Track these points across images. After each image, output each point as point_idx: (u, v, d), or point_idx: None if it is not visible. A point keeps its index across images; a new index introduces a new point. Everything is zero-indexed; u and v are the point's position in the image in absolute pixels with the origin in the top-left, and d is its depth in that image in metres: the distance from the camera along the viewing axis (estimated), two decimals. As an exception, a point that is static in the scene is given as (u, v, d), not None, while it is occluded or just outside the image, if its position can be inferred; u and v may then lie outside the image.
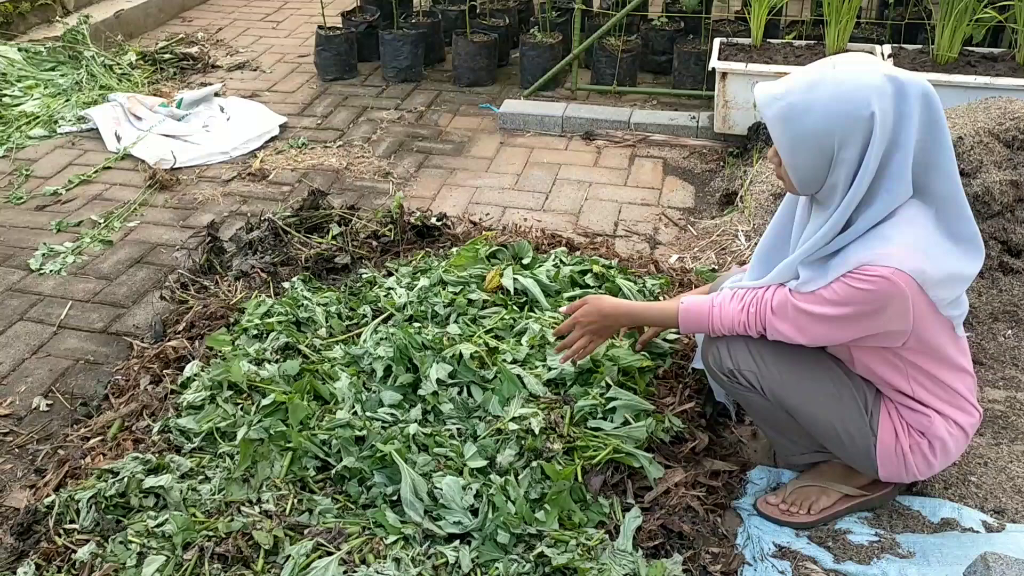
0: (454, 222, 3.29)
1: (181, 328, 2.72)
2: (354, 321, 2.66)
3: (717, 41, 4.14)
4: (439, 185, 3.83)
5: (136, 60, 5.12)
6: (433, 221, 3.21)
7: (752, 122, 3.86)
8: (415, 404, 2.27)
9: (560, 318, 2.49)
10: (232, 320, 2.70)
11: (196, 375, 2.42)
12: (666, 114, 4.28)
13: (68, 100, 4.59)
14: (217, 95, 4.70)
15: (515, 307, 2.62)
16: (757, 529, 2.05)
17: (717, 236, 3.20)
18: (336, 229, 3.17)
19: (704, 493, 2.10)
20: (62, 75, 4.82)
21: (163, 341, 2.68)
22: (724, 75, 3.84)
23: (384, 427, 2.18)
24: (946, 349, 1.84)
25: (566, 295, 2.66)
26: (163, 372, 2.52)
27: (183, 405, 2.31)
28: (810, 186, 1.75)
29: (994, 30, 4.17)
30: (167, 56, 5.26)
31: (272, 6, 6.45)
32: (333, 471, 2.09)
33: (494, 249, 2.89)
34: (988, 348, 2.64)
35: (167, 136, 4.22)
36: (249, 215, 3.40)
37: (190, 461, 2.12)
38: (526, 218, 3.49)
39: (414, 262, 2.96)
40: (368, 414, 2.23)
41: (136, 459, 2.10)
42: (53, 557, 1.92)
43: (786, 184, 1.80)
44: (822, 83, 1.65)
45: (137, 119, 4.32)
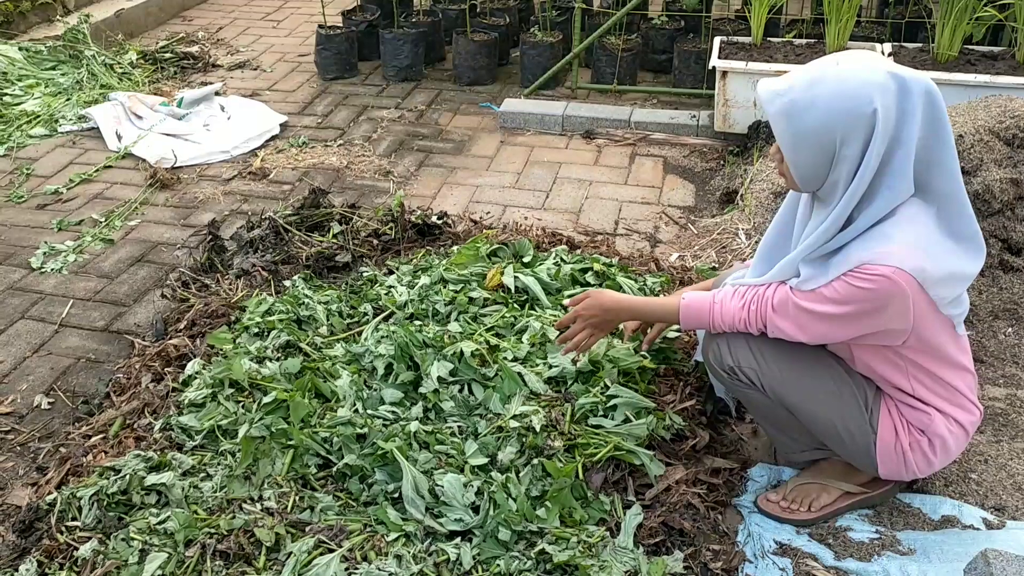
0: (455, 221, 3.30)
1: (182, 326, 2.72)
2: (355, 319, 2.67)
3: (717, 40, 4.14)
4: (440, 184, 3.84)
5: (137, 59, 5.12)
6: (434, 219, 3.21)
7: (752, 120, 3.87)
8: (416, 402, 2.27)
9: (561, 316, 2.50)
10: (233, 318, 2.70)
11: (197, 373, 2.42)
12: (666, 113, 4.29)
13: (69, 99, 4.59)
14: (218, 94, 4.70)
15: (516, 305, 2.63)
16: (758, 526, 2.05)
17: (717, 234, 3.20)
18: (337, 228, 3.17)
19: (705, 490, 2.11)
20: (63, 74, 4.83)
21: (164, 339, 2.68)
22: (724, 74, 3.84)
23: (385, 425, 2.18)
24: (947, 347, 1.84)
25: (567, 293, 2.66)
26: (164, 370, 2.53)
27: (184, 403, 2.31)
28: (811, 183, 1.76)
29: (994, 29, 4.17)
30: (168, 55, 5.26)
31: (272, 5, 6.45)
32: (334, 468, 2.09)
33: (495, 247, 2.89)
34: (988, 346, 2.65)
35: (168, 135, 4.22)
36: (250, 214, 3.40)
37: (192, 459, 2.12)
38: (527, 216, 3.49)
39: (415, 260, 2.96)
40: (369, 412, 2.23)
41: (138, 457, 2.10)
42: (55, 554, 1.92)
43: (788, 181, 1.81)
44: (825, 79, 1.65)
45: (138, 118, 4.32)
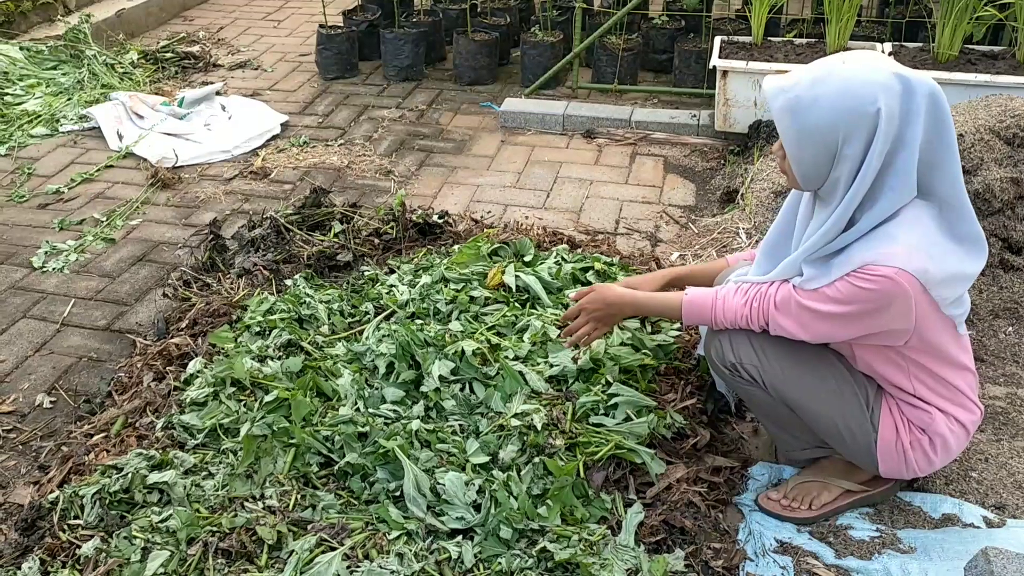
0: (456, 220, 3.30)
1: (184, 325, 2.73)
2: (356, 318, 2.67)
3: (718, 39, 4.14)
4: (440, 183, 3.84)
5: (138, 59, 5.12)
6: (435, 219, 3.22)
7: (753, 120, 3.87)
8: (417, 400, 2.28)
9: (562, 314, 2.51)
10: (235, 317, 2.70)
11: (199, 372, 2.43)
12: (667, 112, 4.29)
13: (70, 99, 4.60)
14: (219, 94, 4.70)
15: (517, 304, 2.63)
16: (759, 525, 2.05)
17: (718, 234, 3.20)
18: (338, 227, 3.17)
19: (706, 489, 2.11)
20: (64, 74, 4.83)
21: (166, 338, 2.69)
22: (725, 73, 3.85)
23: (387, 423, 2.18)
24: (948, 347, 1.85)
25: (567, 292, 2.67)
26: (166, 369, 2.53)
27: (186, 402, 2.32)
28: (813, 181, 1.76)
29: (994, 28, 4.17)
30: (168, 55, 5.27)
31: (273, 5, 6.46)
32: (336, 467, 2.09)
33: (496, 247, 2.90)
34: (989, 345, 2.65)
35: (169, 135, 4.23)
36: (251, 213, 3.41)
37: (194, 457, 2.12)
38: (527, 216, 3.50)
39: (416, 259, 2.97)
40: (371, 410, 2.23)
41: (140, 455, 2.11)
42: (57, 552, 1.92)
43: (789, 179, 1.81)
44: (830, 77, 1.66)
45: (139, 118, 4.33)
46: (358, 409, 2.24)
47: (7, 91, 4.60)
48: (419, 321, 2.57)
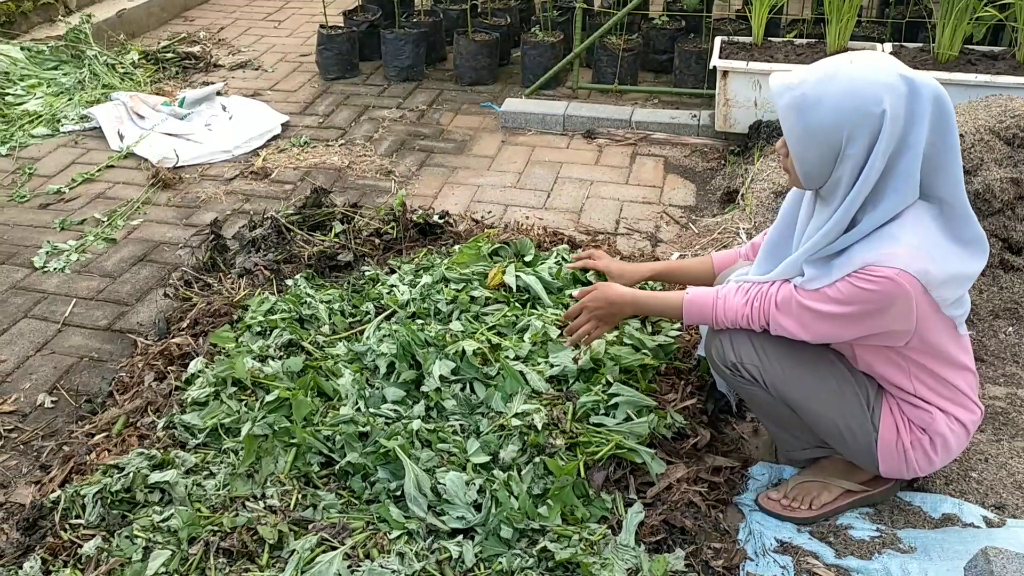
0: (456, 220, 3.30)
1: (185, 325, 2.73)
2: (357, 318, 2.67)
3: (718, 40, 4.15)
4: (441, 183, 3.85)
5: (138, 59, 5.13)
6: (435, 219, 3.22)
7: (753, 120, 3.87)
8: (418, 400, 2.28)
9: (563, 314, 2.52)
10: (236, 317, 2.71)
11: (200, 372, 2.43)
12: (667, 112, 4.29)
13: (71, 99, 4.60)
14: (219, 94, 4.71)
15: (517, 304, 2.63)
16: (759, 524, 2.06)
17: (718, 234, 3.21)
18: (339, 227, 3.18)
19: (706, 489, 2.12)
20: (65, 74, 4.83)
21: (167, 338, 2.69)
22: (725, 73, 3.85)
23: (387, 423, 2.19)
24: (948, 347, 1.85)
25: (568, 292, 2.67)
26: (167, 369, 2.53)
27: (187, 401, 2.32)
28: (815, 180, 1.76)
29: (994, 28, 4.18)
30: (169, 55, 5.27)
31: (274, 5, 6.46)
32: (337, 467, 2.10)
33: (496, 247, 2.90)
34: (989, 345, 2.65)
35: (170, 135, 4.23)
36: (252, 213, 3.41)
37: (195, 457, 2.13)
38: (528, 216, 3.50)
39: (416, 259, 2.97)
40: (371, 410, 2.24)
41: (141, 455, 2.11)
42: (59, 552, 1.93)
43: (791, 177, 1.81)
44: (837, 76, 1.66)
45: (140, 118, 4.33)
46: (359, 409, 2.24)
47: (8, 91, 4.60)
48: (420, 321, 2.57)
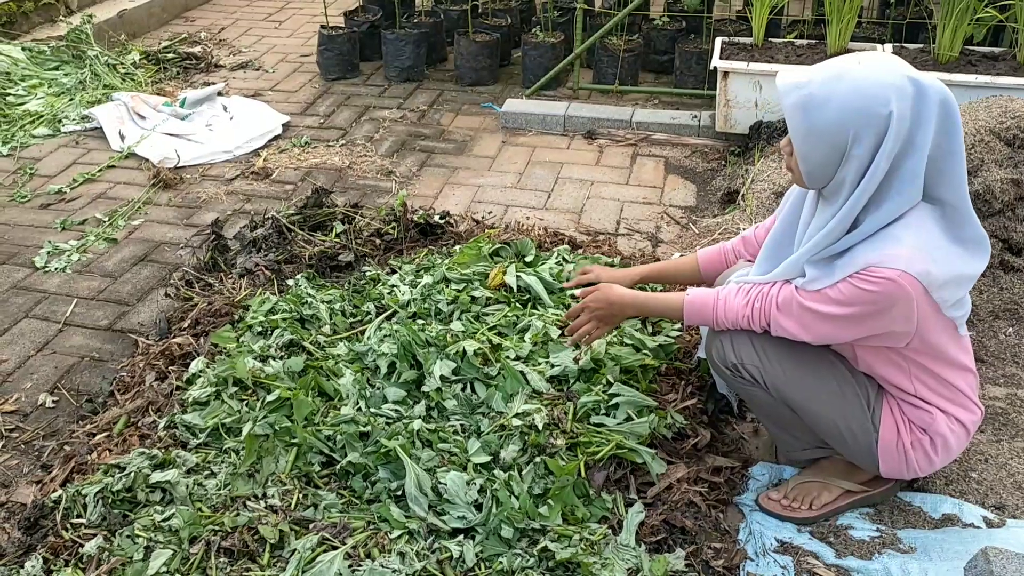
0: (457, 220, 3.31)
1: (186, 325, 2.73)
2: (358, 318, 2.68)
3: (719, 40, 4.15)
4: (442, 184, 3.85)
5: (139, 59, 5.13)
6: (436, 219, 3.23)
7: (754, 121, 3.88)
8: (419, 400, 2.28)
9: (564, 315, 2.53)
10: (237, 317, 2.71)
11: (201, 371, 2.43)
12: (668, 113, 4.30)
13: (72, 99, 4.60)
14: (220, 94, 4.71)
15: (518, 304, 2.64)
16: (759, 525, 2.06)
17: (719, 234, 3.21)
18: (339, 227, 3.18)
19: (706, 489, 2.12)
20: (66, 74, 4.84)
21: (168, 338, 2.69)
22: (726, 74, 3.85)
23: (388, 423, 2.19)
24: (949, 348, 1.85)
25: (570, 292, 2.68)
26: (168, 369, 2.54)
27: (188, 401, 2.32)
28: (818, 180, 1.76)
29: (995, 29, 4.18)
30: (170, 55, 5.28)
31: (274, 6, 6.47)
32: (338, 466, 2.10)
33: (497, 247, 2.91)
34: (989, 346, 2.65)
35: (171, 135, 4.23)
36: (253, 213, 3.41)
37: (196, 456, 2.13)
38: (528, 216, 3.50)
39: (417, 260, 2.98)
40: (372, 410, 2.24)
41: (142, 454, 2.12)
42: (60, 551, 1.93)
43: (794, 176, 1.81)
44: (844, 77, 1.66)
45: (141, 118, 4.34)
46: (360, 409, 2.24)
47: (9, 91, 4.60)
48: (420, 321, 2.57)
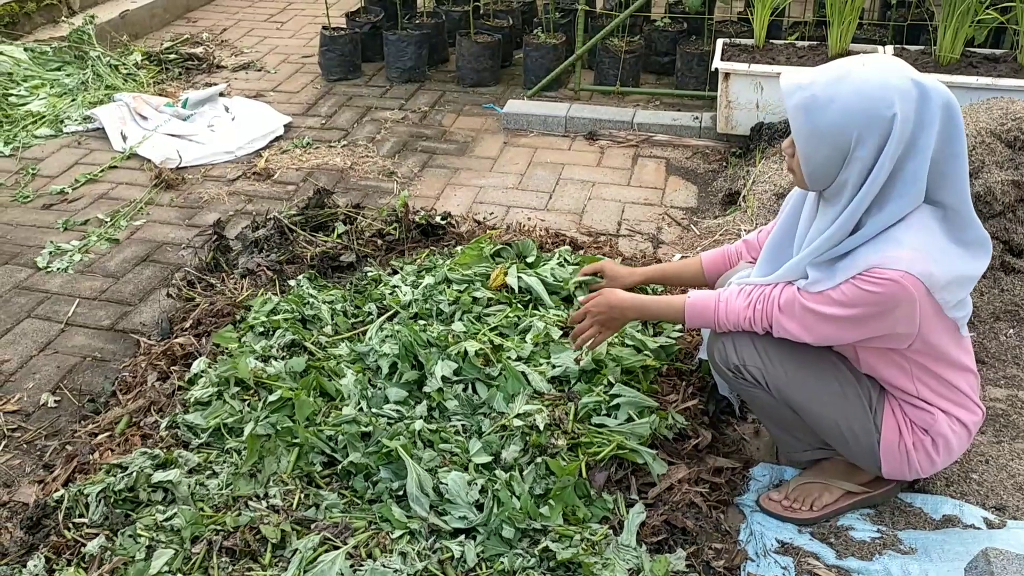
0: (458, 221, 3.31)
1: (188, 325, 2.74)
2: (359, 319, 2.68)
3: (720, 42, 4.15)
4: (443, 184, 3.85)
5: (141, 60, 5.14)
6: (438, 220, 3.23)
7: (755, 122, 3.88)
8: (420, 401, 2.29)
9: (564, 315, 2.53)
10: (238, 317, 2.71)
11: (203, 371, 2.44)
12: (669, 114, 4.30)
13: (74, 100, 4.61)
14: (222, 95, 4.72)
15: (519, 305, 2.64)
16: (760, 525, 2.06)
17: (720, 235, 3.21)
18: (341, 228, 3.19)
19: (707, 489, 2.12)
20: (68, 75, 4.84)
21: (170, 338, 2.70)
22: (727, 76, 3.85)
23: (390, 423, 2.19)
24: (950, 349, 1.85)
25: (574, 285, 2.68)
26: (170, 369, 2.54)
27: (190, 401, 2.33)
28: (820, 181, 1.76)
29: (996, 31, 4.18)
30: (172, 56, 5.29)
31: (276, 7, 6.48)
32: (339, 466, 2.11)
33: (498, 248, 2.91)
34: (990, 347, 2.66)
35: (172, 136, 4.24)
36: (254, 214, 3.42)
37: (198, 456, 2.14)
38: (530, 217, 3.51)
39: (419, 260, 2.98)
40: (374, 410, 2.25)
41: (144, 454, 2.12)
42: (63, 550, 1.94)
43: (796, 178, 1.81)
44: (848, 79, 1.66)
45: (143, 119, 4.34)
46: (361, 409, 2.25)
47: (11, 92, 4.61)
48: (422, 322, 2.58)
